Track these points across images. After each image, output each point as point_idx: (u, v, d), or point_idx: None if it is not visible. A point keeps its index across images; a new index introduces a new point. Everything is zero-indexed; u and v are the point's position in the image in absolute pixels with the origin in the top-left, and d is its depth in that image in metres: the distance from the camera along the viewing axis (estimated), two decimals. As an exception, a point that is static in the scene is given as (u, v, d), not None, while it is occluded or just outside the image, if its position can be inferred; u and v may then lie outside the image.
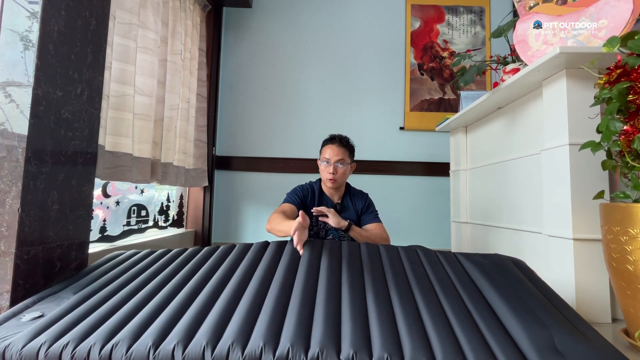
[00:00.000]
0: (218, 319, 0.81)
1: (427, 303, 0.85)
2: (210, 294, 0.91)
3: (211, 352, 0.72)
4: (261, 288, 0.92)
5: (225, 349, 0.73)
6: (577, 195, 1.20)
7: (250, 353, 0.72)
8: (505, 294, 0.88)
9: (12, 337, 0.80)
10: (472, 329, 0.76)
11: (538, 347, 0.70)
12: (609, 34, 1.21)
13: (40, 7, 1.00)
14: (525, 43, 1.40)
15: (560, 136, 1.26)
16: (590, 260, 1.18)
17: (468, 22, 2.77)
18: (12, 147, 0.95)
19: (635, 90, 0.93)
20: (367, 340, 0.74)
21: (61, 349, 0.77)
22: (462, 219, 2.20)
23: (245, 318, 0.81)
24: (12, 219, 0.93)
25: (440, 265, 1.05)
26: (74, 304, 0.92)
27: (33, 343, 0.78)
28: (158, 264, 1.12)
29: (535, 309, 0.82)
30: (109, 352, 0.76)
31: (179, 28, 2.08)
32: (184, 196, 2.50)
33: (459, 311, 0.82)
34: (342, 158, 1.34)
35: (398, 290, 0.90)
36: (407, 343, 0.73)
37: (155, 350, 0.75)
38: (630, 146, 0.93)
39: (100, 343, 0.77)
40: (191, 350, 0.73)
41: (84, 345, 0.77)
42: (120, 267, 1.12)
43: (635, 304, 0.94)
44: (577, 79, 1.22)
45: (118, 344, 0.77)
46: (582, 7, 1.29)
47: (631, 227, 0.94)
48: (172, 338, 0.76)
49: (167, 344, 0.75)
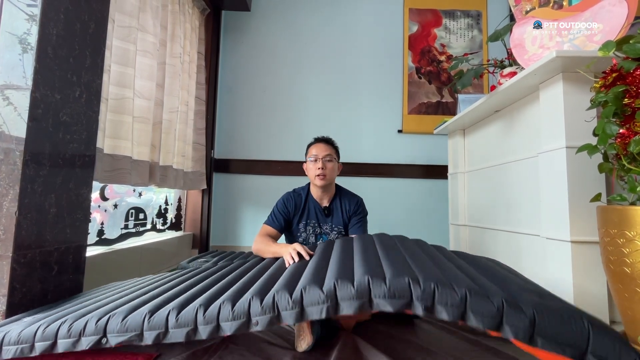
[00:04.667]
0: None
1: (386, 253, 0.95)
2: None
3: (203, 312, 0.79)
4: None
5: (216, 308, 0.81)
6: (574, 198, 1.20)
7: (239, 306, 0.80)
8: (460, 255, 1.05)
9: (11, 326, 0.82)
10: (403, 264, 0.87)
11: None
12: (605, 38, 1.22)
13: (39, 10, 1.00)
14: (522, 47, 1.41)
15: (557, 139, 1.26)
16: (588, 263, 1.18)
17: (465, 26, 2.79)
18: (9, 150, 0.95)
19: (630, 93, 0.94)
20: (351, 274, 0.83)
21: (58, 325, 0.79)
22: (461, 222, 2.21)
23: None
24: (9, 222, 0.93)
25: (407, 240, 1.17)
26: (68, 301, 0.92)
27: (31, 327, 0.80)
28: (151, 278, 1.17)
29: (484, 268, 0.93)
30: (105, 323, 0.78)
31: (178, 31, 2.08)
32: (182, 199, 2.49)
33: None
34: (329, 154, 1.33)
35: (375, 248, 1.03)
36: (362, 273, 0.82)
37: (150, 316, 0.78)
38: (627, 149, 0.94)
39: (97, 317, 0.80)
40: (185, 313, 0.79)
41: (80, 320, 0.79)
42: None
43: (632, 306, 0.95)
44: (574, 82, 1.23)
45: (115, 314, 0.80)
46: (578, 11, 1.31)
47: (628, 229, 0.94)
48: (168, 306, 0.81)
49: (163, 311, 0.80)
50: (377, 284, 0.75)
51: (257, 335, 1.00)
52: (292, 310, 0.76)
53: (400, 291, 0.73)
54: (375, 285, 0.75)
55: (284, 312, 0.77)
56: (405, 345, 0.95)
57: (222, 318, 0.77)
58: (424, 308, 0.71)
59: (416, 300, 0.72)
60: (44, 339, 0.77)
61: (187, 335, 0.76)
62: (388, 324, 1.12)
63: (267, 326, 0.76)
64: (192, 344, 0.93)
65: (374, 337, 0.99)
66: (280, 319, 0.77)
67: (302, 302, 0.77)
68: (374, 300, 0.75)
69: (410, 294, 0.73)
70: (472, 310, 0.69)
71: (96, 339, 0.77)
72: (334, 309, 0.76)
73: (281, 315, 0.77)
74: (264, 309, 0.77)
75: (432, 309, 0.71)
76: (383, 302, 0.74)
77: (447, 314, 0.70)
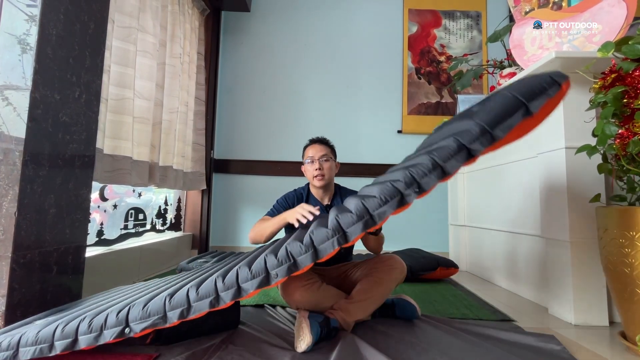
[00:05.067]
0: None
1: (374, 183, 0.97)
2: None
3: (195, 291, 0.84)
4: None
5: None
6: (573, 198, 1.21)
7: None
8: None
9: (27, 328, 0.83)
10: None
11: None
12: (604, 39, 1.22)
13: (39, 10, 1.00)
14: (521, 47, 1.42)
15: (556, 140, 1.27)
16: (587, 263, 1.18)
17: (465, 26, 2.79)
18: (9, 150, 0.95)
19: (629, 94, 0.95)
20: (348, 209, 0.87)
21: (78, 323, 0.79)
22: (460, 222, 2.21)
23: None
24: (9, 223, 0.93)
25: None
26: (77, 304, 0.93)
27: (49, 327, 0.80)
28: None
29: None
30: (126, 314, 0.80)
31: (177, 32, 2.08)
32: (181, 199, 2.49)
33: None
34: (325, 154, 1.33)
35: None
36: (355, 202, 0.87)
37: (170, 298, 0.81)
38: (626, 150, 0.94)
39: (117, 310, 0.81)
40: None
41: (100, 316, 0.80)
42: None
43: (631, 306, 0.95)
44: (573, 83, 1.23)
45: (135, 304, 0.82)
46: (577, 12, 1.31)
47: (627, 230, 0.94)
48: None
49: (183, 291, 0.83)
50: (370, 200, 0.81)
51: (257, 335, 1.00)
52: (307, 253, 0.82)
53: (389, 194, 0.80)
54: (368, 202, 0.81)
55: (299, 258, 0.82)
56: (404, 345, 0.95)
57: (241, 280, 0.81)
58: (412, 190, 0.79)
59: (404, 190, 0.79)
60: (63, 337, 0.78)
61: (211, 304, 0.80)
62: (388, 324, 1.12)
63: (287, 273, 0.80)
64: (191, 344, 0.93)
65: (373, 338, 0.99)
66: (297, 266, 0.81)
67: (313, 243, 0.82)
68: (374, 214, 0.80)
69: (398, 191, 0.79)
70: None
71: (119, 329, 0.78)
72: (344, 238, 0.81)
73: (297, 261, 0.82)
74: (280, 260, 0.82)
75: (418, 185, 0.79)
76: (381, 210, 0.79)
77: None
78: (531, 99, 0.76)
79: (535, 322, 1.20)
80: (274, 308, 1.29)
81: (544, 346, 0.96)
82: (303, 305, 1.05)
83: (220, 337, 0.97)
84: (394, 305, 1.19)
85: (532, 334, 1.04)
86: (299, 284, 1.06)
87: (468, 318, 1.22)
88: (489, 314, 1.26)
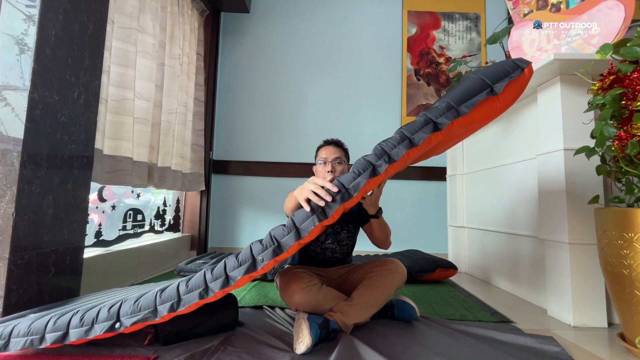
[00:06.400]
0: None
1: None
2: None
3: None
4: None
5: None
6: (572, 200, 1.21)
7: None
8: None
9: (19, 320, 0.83)
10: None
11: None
12: (602, 41, 1.23)
13: (38, 11, 1.00)
14: (520, 49, 1.42)
15: (555, 141, 1.27)
16: (586, 265, 1.19)
17: (464, 28, 2.80)
18: (7, 150, 0.95)
19: (628, 96, 0.95)
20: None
21: (70, 317, 0.80)
22: (459, 224, 2.21)
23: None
24: (6, 224, 0.92)
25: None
26: (71, 301, 0.93)
27: (41, 320, 0.80)
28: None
29: None
30: (117, 309, 0.81)
31: (177, 33, 2.08)
32: (180, 200, 2.49)
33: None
34: (339, 156, 1.32)
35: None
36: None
37: (161, 293, 0.84)
38: (624, 151, 0.94)
39: (109, 306, 0.82)
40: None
41: (92, 310, 0.81)
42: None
43: (630, 307, 0.95)
44: (571, 85, 1.24)
45: (126, 300, 0.83)
46: (576, 14, 1.31)
47: (626, 231, 0.94)
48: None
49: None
50: (345, 176, 0.87)
51: (255, 337, 0.99)
52: (289, 234, 0.84)
53: (362, 167, 0.86)
54: (343, 177, 0.86)
55: (283, 240, 0.84)
56: (403, 347, 0.94)
57: (229, 269, 0.84)
58: (382, 160, 0.86)
59: (375, 162, 0.86)
60: (55, 329, 0.78)
61: (200, 295, 0.82)
62: (387, 325, 1.12)
63: (272, 256, 0.82)
64: (189, 346, 0.92)
65: (372, 339, 0.99)
66: (281, 247, 0.84)
67: (294, 224, 0.85)
68: (349, 187, 0.85)
69: (370, 163, 0.86)
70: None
71: (110, 324, 0.79)
72: (323, 214, 0.85)
73: (281, 243, 0.84)
74: (264, 245, 0.84)
75: (389, 157, 0.86)
76: (356, 182, 0.84)
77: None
78: (496, 81, 0.86)
79: (534, 323, 1.20)
80: (273, 309, 1.28)
81: (543, 347, 0.96)
82: (303, 307, 1.05)
83: (218, 339, 0.97)
84: (393, 307, 1.18)
85: (531, 336, 1.04)
86: (299, 286, 1.05)
87: (467, 319, 1.22)
88: (488, 316, 1.26)
